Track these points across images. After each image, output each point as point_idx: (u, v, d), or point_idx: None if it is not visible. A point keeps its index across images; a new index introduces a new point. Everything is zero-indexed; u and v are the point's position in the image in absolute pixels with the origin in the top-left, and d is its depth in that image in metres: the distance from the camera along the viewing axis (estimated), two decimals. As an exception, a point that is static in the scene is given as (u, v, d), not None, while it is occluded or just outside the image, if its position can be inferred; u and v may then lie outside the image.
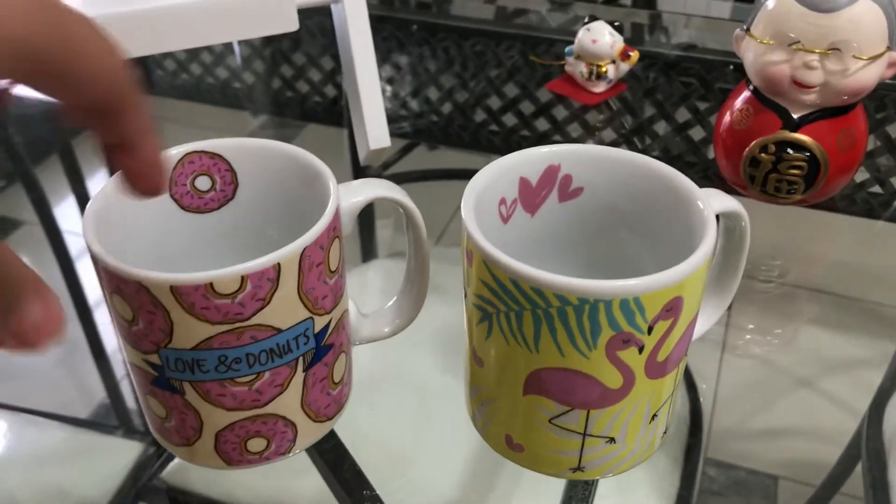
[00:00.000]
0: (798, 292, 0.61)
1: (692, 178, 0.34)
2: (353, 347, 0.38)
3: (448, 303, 0.35)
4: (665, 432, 0.36)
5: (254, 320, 0.31)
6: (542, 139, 0.72)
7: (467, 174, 0.34)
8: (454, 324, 0.35)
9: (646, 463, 0.37)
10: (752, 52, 0.47)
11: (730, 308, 0.60)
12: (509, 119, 0.74)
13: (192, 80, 0.84)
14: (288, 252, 0.31)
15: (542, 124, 0.73)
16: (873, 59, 0.45)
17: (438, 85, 0.78)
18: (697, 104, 0.70)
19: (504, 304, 0.31)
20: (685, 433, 0.51)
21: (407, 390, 0.49)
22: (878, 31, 0.45)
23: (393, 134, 0.74)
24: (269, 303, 0.31)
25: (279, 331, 0.32)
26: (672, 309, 0.30)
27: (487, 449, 0.37)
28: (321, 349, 0.34)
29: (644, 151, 0.68)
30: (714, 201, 0.34)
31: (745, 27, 0.48)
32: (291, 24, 0.48)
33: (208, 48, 0.83)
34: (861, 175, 0.65)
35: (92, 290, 0.55)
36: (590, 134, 0.71)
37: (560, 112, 0.73)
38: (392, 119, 0.75)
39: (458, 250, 0.33)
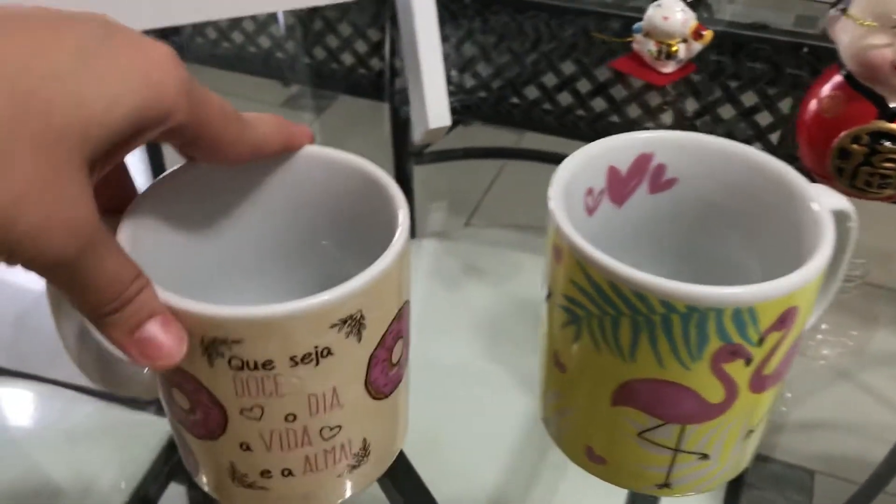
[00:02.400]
0: (843, 286, 0.59)
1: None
2: None
3: (482, 286, 0.32)
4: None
5: None
6: (599, 119, 0.69)
7: (504, 153, 0.32)
8: (489, 308, 0.33)
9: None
10: (849, 35, 0.44)
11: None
12: (564, 98, 0.71)
13: (234, 48, 0.82)
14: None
15: (598, 104, 0.70)
16: None
17: (490, 60, 0.75)
18: (766, 88, 0.66)
19: (598, 309, 0.28)
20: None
21: (443, 376, 0.47)
22: None
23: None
24: None
25: None
26: (786, 320, 0.27)
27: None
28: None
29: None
30: (823, 200, 0.31)
31: (841, 7, 0.45)
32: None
33: (252, 17, 0.80)
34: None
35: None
36: (650, 116, 0.68)
37: (619, 92, 0.69)
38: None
39: (492, 231, 0.30)
